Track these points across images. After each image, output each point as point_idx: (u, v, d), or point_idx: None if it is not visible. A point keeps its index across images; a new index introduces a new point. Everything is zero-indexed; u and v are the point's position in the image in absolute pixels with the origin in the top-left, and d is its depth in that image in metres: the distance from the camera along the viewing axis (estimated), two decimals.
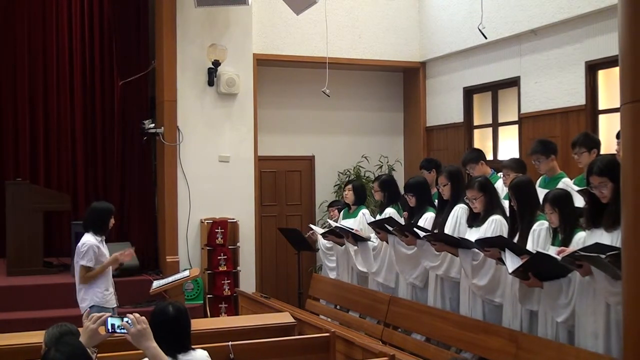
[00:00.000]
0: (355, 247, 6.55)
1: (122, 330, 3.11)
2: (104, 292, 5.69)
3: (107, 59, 8.91)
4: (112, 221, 5.86)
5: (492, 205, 5.14)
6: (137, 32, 8.66)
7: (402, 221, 6.10)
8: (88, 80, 8.91)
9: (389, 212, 6.34)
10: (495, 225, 5.04)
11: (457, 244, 5.18)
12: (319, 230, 7.34)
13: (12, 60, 8.73)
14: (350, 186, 7.06)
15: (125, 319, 3.10)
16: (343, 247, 6.88)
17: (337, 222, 7.03)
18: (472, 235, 5.14)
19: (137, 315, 3.10)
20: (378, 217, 6.42)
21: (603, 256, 3.66)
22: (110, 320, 3.14)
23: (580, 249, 3.94)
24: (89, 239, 5.69)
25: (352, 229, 6.49)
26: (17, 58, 8.72)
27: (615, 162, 3.95)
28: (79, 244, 5.70)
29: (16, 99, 8.75)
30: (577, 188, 5.03)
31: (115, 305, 5.86)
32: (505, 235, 4.90)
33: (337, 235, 6.74)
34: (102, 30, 8.91)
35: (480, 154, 6.41)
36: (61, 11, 8.81)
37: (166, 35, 8.02)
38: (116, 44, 8.73)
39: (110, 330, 3.15)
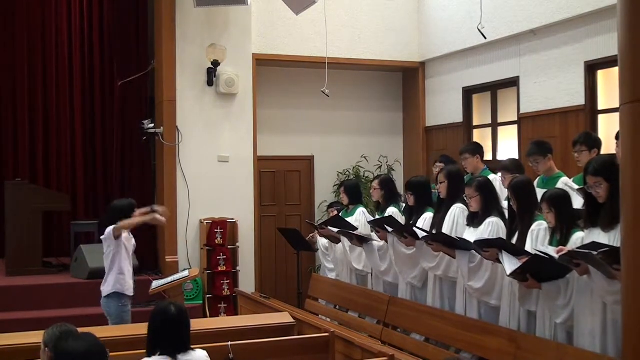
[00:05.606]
0: (353, 247, 6.53)
1: None
2: (127, 280, 5.91)
3: (107, 58, 8.92)
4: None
5: (489, 206, 5.13)
6: (136, 32, 8.67)
7: (402, 221, 6.08)
8: (87, 80, 8.93)
9: (391, 211, 6.33)
10: (492, 228, 5.03)
11: (454, 245, 5.17)
12: (323, 241, 7.33)
13: (11, 60, 8.73)
14: (342, 188, 7.08)
15: None
16: (342, 247, 6.87)
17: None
18: (470, 236, 5.14)
19: None
20: (378, 217, 6.41)
21: (595, 253, 3.66)
22: None
23: (577, 248, 3.95)
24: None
25: (356, 230, 6.45)
26: (16, 58, 8.72)
27: (610, 162, 3.99)
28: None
29: (15, 99, 8.75)
30: (576, 187, 5.04)
31: (132, 294, 6.03)
32: (502, 237, 4.90)
33: (342, 229, 6.61)
34: (102, 30, 8.93)
35: (478, 148, 6.47)
36: (60, 11, 8.82)
37: (165, 35, 8.02)
38: (115, 43, 8.74)
39: None
